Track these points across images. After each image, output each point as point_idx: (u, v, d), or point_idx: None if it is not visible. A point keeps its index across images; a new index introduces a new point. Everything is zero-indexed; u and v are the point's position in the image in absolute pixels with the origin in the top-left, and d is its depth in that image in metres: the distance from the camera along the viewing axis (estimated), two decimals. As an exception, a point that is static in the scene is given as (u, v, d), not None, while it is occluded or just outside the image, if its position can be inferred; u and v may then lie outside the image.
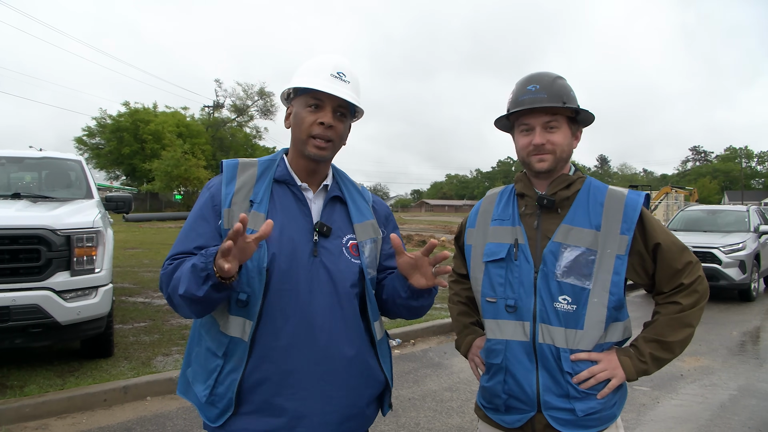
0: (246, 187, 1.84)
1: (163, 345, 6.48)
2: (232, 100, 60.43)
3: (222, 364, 1.75)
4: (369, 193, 2.10)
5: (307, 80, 1.82)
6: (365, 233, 1.91)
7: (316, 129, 1.81)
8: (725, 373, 6.45)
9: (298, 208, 1.85)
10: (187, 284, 1.60)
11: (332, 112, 1.82)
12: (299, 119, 1.85)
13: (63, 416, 4.71)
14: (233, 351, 1.74)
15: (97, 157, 51.54)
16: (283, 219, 1.81)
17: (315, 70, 1.84)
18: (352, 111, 1.92)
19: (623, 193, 1.95)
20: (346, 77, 1.85)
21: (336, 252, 1.83)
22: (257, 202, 1.80)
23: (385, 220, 2.06)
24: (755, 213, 13.30)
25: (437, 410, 5.15)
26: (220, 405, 1.74)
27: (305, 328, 1.73)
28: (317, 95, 1.81)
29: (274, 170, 1.89)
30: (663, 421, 5.02)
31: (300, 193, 1.87)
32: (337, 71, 1.84)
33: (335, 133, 1.84)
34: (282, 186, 1.88)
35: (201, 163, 45.38)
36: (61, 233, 5.14)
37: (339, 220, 1.90)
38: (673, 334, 1.88)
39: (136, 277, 11.18)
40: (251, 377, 1.72)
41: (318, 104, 1.82)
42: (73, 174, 7.12)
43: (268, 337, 1.73)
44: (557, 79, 1.95)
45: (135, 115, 51.88)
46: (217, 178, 1.91)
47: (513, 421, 1.95)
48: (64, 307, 5.05)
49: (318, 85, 1.80)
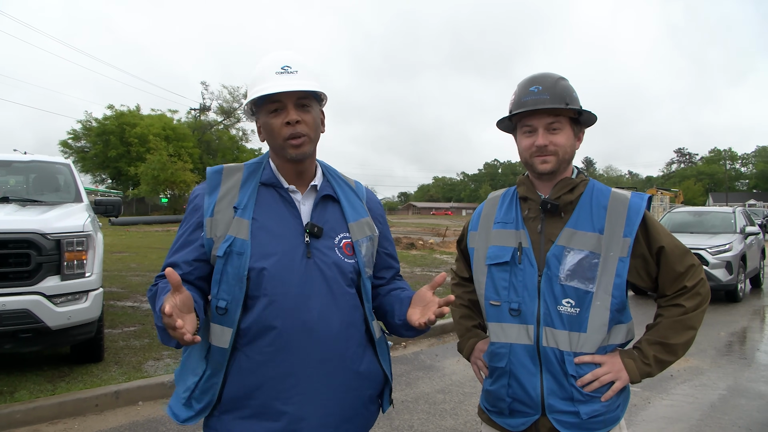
0: (231, 193, 1.81)
1: (153, 349, 6.43)
2: (218, 103, 60.21)
3: (204, 369, 1.77)
4: (363, 189, 2.06)
5: (257, 89, 1.78)
6: (361, 232, 1.89)
7: (286, 131, 1.77)
8: (714, 373, 6.50)
9: (287, 210, 1.83)
10: (161, 336, 1.63)
11: (294, 107, 1.78)
12: (268, 129, 1.81)
13: (54, 422, 4.66)
14: (212, 358, 1.75)
15: (82, 161, 51.12)
16: (272, 222, 1.79)
17: (262, 75, 1.80)
18: (316, 96, 1.86)
19: (626, 196, 1.96)
20: (293, 68, 1.79)
21: (329, 252, 1.81)
22: (241, 208, 1.78)
23: (381, 218, 2.04)
24: (741, 214, 13.43)
25: (430, 412, 5.15)
26: (197, 407, 1.76)
27: (300, 331, 1.72)
28: (272, 98, 1.77)
29: (260, 174, 1.87)
30: (654, 421, 5.06)
31: (288, 196, 1.85)
32: (281, 66, 1.79)
33: (305, 127, 1.79)
34: (269, 189, 1.85)
35: (188, 166, 45.16)
36: (51, 237, 5.09)
37: (332, 220, 1.87)
38: (676, 336, 1.89)
39: (124, 281, 11.09)
40: (247, 380, 1.72)
41: (278, 107, 1.78)
42: (61, 177, 7.05)
43: (260, 342, 1.72)
44: (560, 81, 1.96)
45: (121, 118, 51.58)
46: (201, 187, 1.88)
47: (517, 425, 1.96)
48: (54, 312, 4.99)
49: (267, 89, 1.75)
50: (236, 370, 1.73)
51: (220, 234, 1.75)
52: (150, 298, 1.76)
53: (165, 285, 1.69)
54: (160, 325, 1.58)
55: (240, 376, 1.72)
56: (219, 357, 1.74)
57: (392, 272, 2.06)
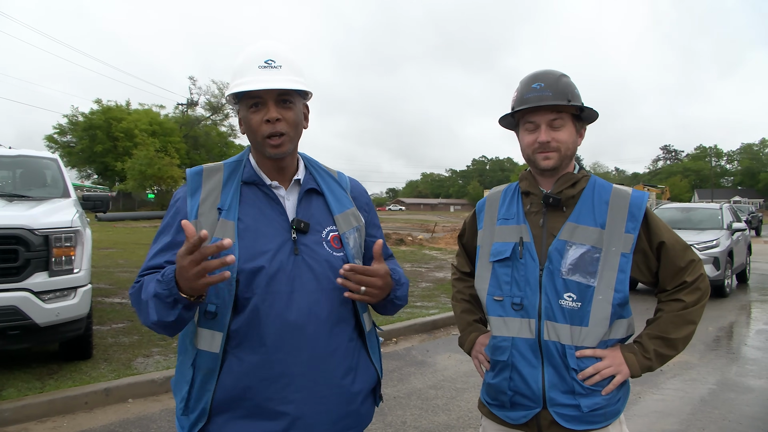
0: (213, 195, 1.76)
1: (143, 346, 6.38)
2: (207, 98, 59.94)
3: (193, 376, 1.72)
4: (346, 178, 2.02)
5: (238, 83, 1.72)
6: (347, 224, 1.86)
7: (265, 128, 1.72)
8: (704, 368, 6.56)
9: (271, 207, 1.78)
10: (157, 313, 1.57)
11: (274, 104, 1.72)
12: (248, 123, 1.76)
13: (43, 420, 4.61)
14: (202, 363, 1.70)
15: (68, 156, 50.67)
16: (258, 222, 1.75)
17: (243, 67, 1.73)
18: (300, 92, 1.79)
19: (628, 191, 1.97)
20: (277, 62, 1.73)
21: (317, 247, 1.77)
22: (225, 209, 1.73)
23: (366, 206, 2.00)
24: (728, 211, 13.57)
25: (423, 408, 5.15)
26: (193, 416, 1.71)
27: (291, 330, 1.69)
28: (252, 94, 1.71)
29: (241, 172, 1.82)
30: (646, 415, 5.09)
31: (271, 192, 1.80)
32: (265, 60, 1.72)
33: (286, 125, 1.73)
34: (251, 187, 1.80)
35: (175, 161, 44.87)
36: (39, 233, 5.03)
37: (318, 214, 1.83)
38: (676, 331, 1.90)
39: (112, 278, 11.00)
40: (236, 386, 1.68)
41: (257, 102, 1.72)
42: (49, 173, 6.97)
43: (250, 344, 1.68)
44: (562, 77, 1.96)
45: (108, 113, 51.21)
46: (182, 189, 1.83)
47: (518, 418, 1.95)
48: (42, 309, 4.93)
49: (247, 84, 1.69)
50: (227, 374, 1.69)
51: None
52: (135, 293, 1.69)
53: (152, 277, 1.65)
54: (163, 291, 1.54)
55: (232, 379, 1.68)
56: (210, 362, 1.69)
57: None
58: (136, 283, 1.71)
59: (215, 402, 1.69)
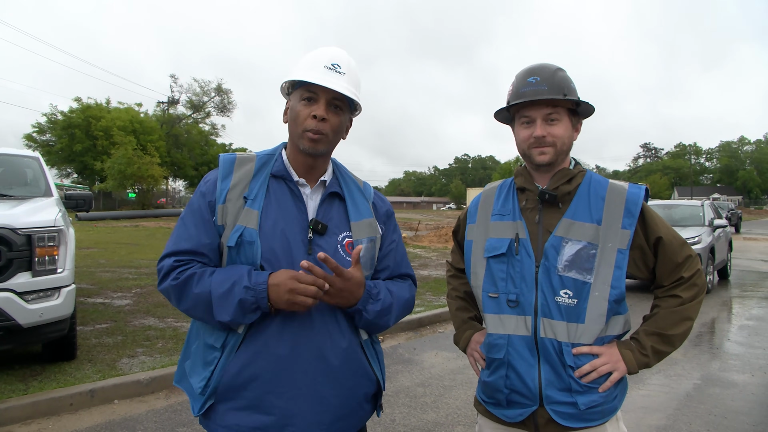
0: (242, 183, 1.81)
1: (127, 346, 6.30)
2: (188, 96, 59.44)
3: (219, 356, 1.74)
4: (371, 190, 2.06)
5: (302, 73, 1.80)
6: (362, 232, 1.88)
7: (310, 122, 1.78)
8: (688, 364, 6.62)
9: (294, 204, 1.83)
10: (232, 315, 1.65)
11: (326, 104, 1.79)
12: (294, 113, 1.82)
13: (28, 422, 4.54)
14: (229, 343, 1.74)
15: (48, 155, 49.98)
16: (278, 215, 1.79)
17: (311, 63, 1.82)
18: (351, 104, 1.88)
19: (624, 187, 1.96)
20: (341, 68, 1.82)
21: (331, 250, 1.80)
22: (251, 199, 1.78)
23: (386, 218, 2.02)
24: (709, 208, 13.74)
25: (411, 406, 5.14)
26: (207, 394, 1.75)
27: (298, 326, 1.72)
28: (311, 88, 1.79)
29: (271, 165, 1.87)
30: (633, 411, 5.13)
31: (296, 189, 1.85)
32: (332, 63, 1.81)
33: (329, 127, 1.80)
34: (279, 181, 1.85)
35: (155, 160, 44.45)
36: (21, 232, 4.94)
37: (336, 218, 1.87)
38: (673, 327, 1.90)
39: (94, 278, 10.88)
40: (244, 371, 1.71)
41: (312, 97, 1.80)
42: (30, 171, 6.84)
43: (261, 334, 1.72)
44: (558, 71, 1.95)
45: (87, 111, 50.61)
46: (213, 173, 1.88)
47: (515, 416, 1.95)
48: (25, 309, 4.84)
49: (310, 77, 1.77)
50: (236, 360, 1.72)
51: (230, 223, 1.75)
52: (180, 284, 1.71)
53: (203, 270, 1.73)
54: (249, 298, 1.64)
55: (240, 365, 1.71)
56: (233, 341, 1.74)
57: (386, 273, 1.99)
58: (173, 271, 1.73)
59: (220, 387, 1.73)
